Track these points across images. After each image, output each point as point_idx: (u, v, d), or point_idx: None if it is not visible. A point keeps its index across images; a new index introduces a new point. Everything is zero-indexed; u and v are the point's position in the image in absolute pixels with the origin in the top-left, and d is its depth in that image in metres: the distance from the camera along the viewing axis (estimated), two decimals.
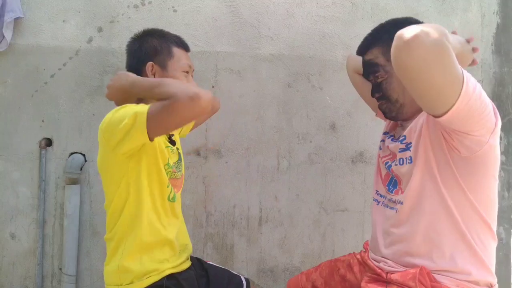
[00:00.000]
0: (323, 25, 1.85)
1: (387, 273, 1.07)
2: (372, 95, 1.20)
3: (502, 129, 1.96)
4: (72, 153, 1.75)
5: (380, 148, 1.27)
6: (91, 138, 1.75)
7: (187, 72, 1.26)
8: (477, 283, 1.00)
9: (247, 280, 1.34)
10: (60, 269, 1.74)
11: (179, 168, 1.32)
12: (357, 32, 1.83)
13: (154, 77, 1.22)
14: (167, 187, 1.20)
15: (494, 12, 1.93)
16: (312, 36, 1.85)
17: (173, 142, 1.30)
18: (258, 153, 1.83)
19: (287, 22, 1.84)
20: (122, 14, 1.77)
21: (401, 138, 1.13)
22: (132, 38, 1.29)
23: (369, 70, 1.18)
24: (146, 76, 1.22)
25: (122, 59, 1.76)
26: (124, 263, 1.12)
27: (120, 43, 1.76)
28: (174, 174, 1.25)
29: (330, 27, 1.85)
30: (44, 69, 1.74)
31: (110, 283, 1.15)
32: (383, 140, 1.26)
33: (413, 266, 1.02)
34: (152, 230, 1.15)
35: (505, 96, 1.91)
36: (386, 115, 1.19)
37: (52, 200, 1.75)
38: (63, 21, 1.75)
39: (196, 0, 1.80)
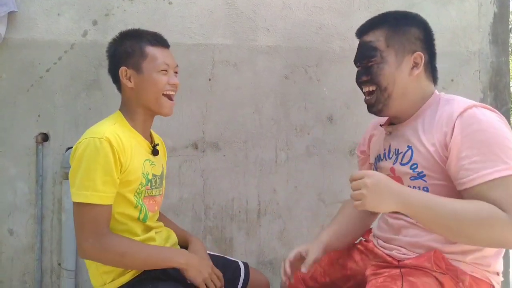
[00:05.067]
0: (320, 16, 1.84)
1: (399, 260, 1.06)
2: (358, 78, 1.13)
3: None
4: (69, 148, 1.74)
5: (378, 161, 1.19)
6: None
7: (166, 70, 1.19)
8: (488, 270, 1.01)
9: (245, 264, 1.33)
10: (59, 264, 1.73)
11: (158, 184, 1.25)
12: (354, 23, 1.82)
13: (130, 81, 1.17)
14: (135, 207, 1.15)
15: (490, 2, 1.93)
16: (308, 28, 1.84)
17: (155, 152, 1.24)
18: (256, 146, 1.82)
19: (283, 13, 1.83)
20: (117, 7, 1.76)
21: (410, 163, 1.05)
22: (109, 42, 1.26)
23: (365, 54, 1.11)
24: (123, 82, 1.19)
25: None
26: (102, 266, 1.13)
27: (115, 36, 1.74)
28: (149, 192, 1.20)
29: (326, 18, 1.84)
30: (39, 64, 1.73)
31: (96, 285, 1.17)
32: (380, 154, 1.18)
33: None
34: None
35: (503, 85, 1.92)
36: (371, 107, 1.13)
37: (49, 195, 1.75)
38: (58, 14, 1.73)
39: None
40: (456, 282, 0.97)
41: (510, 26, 2.16)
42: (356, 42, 1.21)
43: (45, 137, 1.74)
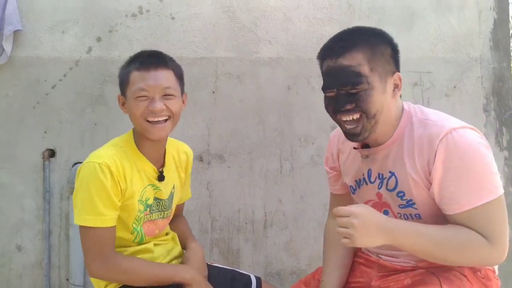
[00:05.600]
0: (321, 27, 1.86)
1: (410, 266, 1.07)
2: (339, 107, 0.99)
3: (504, 124, 1.97)
4: (75, 163, 1.75)
5: (358, 185, 1.14)
6: (93, 147, 1.72)
7: (145, 96, 1.10)
8: (494, 269, 1.05)
9: (257, 278, 1.30)
10: (67, 279, 1.74)
11: (164, 207, 1.24)
12: None
13: (125, 107, 1.17)
14: (131, 233, 1.17)
15: (490, 8, 1.94)
16: (310, 39, 1.85)
17: (161, 178, 1.21)
18: (261, 157, 1.83)
19: (284, 25, 1.85)
20: (121, 23, 1.78)
21: (396, 191, 1.02)
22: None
23: (348, 80, 0.96)
24: (120, 108, 1.20)
25: None
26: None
27: (119, 52, 1.77)
28: (148, 217, 1.20)
29: (327, 29, 1.86)
30: (45, 81, 1.75)
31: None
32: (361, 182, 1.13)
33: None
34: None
35: (505, 91, 1.92)
36: (355, 136, 1.01)
37: (57, 210, 1.76)
38: (62, 32, 1.76)
39: (194, 6, 1.81)
40: (474, 271, 1.01)
41: (510, 32, 2.17)
42: None
43: (51, 153, 1.76)
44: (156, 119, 1.11)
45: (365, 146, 1.10)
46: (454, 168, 0.93)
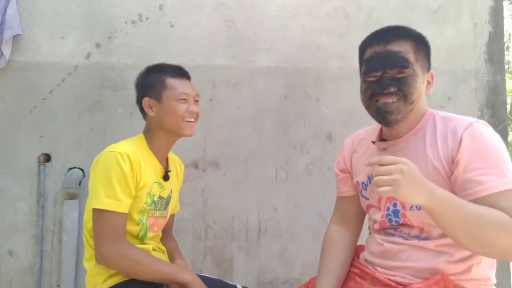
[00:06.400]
0: (318, 37, 1.88)
1: (404, 285, 1.03)
2: (382, 88, 1.04)
3: None
4: (70, 168, 1.75)
5: (370, 179, 1.15)
6: (89, 153, 1.75)
7: (185, 99, 1.27)
8: (487, 284, 1.04)
9: None
10: (58, 285, 1.72)
11: (162, 206, 1.31)
12: (351, 43, 1.85)
13: (152, 110, 1.27)
14: (137, 224, 1.22)
15: (486, 21, 1.97)
16: (307, 48, 1.87)
17: (166, 177, 1.31)
18: (256, 165, 1.83)
19: (282, 35, 1.87)
20: (120, 30, 1.80)
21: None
22: (137, 76, 1.35)
23: (396, 63, 1.02)
24: (146, 111, 1.28)
25: (120, 74, 1.78)
26: (97, 267, 1.19)
27: (118, 58, 1.78)
28: (152, 213, 1.27)
29: (324, 39, 1.88)
30: (43, 85, 1.76)
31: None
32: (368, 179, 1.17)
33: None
34: None
35: (499, 103, 1.94)
36: (389, 114, 1.05)
37: (50, 215, 1.75)
38: (62, 37, 1.78)
39: (193, 15, 1.83)
40: None
41: (505, 45, 2.20)
42: (354, 61, 1.20)
43: (47, 158, 1.76)
44: (191, 120, 1.28)
45: (382, 140, 1.15)
46: (480, 155, 0.96)
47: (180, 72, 1.31)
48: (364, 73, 1.09)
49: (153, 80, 1.28)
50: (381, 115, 1.07)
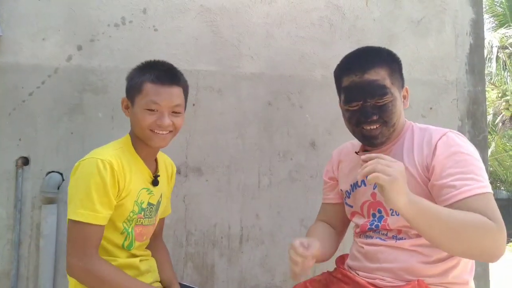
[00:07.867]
0: (302, 45, 1.89)
1: None
2: (365, 118, 1.09)
3: (478, 146, 2.00)
4: (49, 172, 1.72)
5: (354, 188, 1.22)
6: (68, 157, 1.72)
7: (154, 110, 1.14)
8: None
9: None
10: None
11: (152, 214, 1.25)
12: (335, 52, 1.86)
13: (128, 111, 1.21)
14: (121, 233, 1.16)
15: (467, 33, 2.00)
16: (291, 56, 1.88)
17: (155, 182, 1.24)
18: (239, 171, 1.83)
19: (267, 42, 1.87)
20: (103, 33, 1.78)
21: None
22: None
23: (376, 92, 1.08)
24: (122, 110, 1.23)
25: (102, 78, 1.76)
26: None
27: (100, 61, 1.76)
28: (141, 221, 1.20)
29: (309, 47, 1.89)
30: (23, 87, 1.73)
31: None
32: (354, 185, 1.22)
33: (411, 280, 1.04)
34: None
35: (480, 114, 1.97)
36: (374, 139, 1.12)
37: (28, 220, 1.71)
38: (43, 39, 1.75)
39: (177, 19, 1.82)
40: None
41: (485, 56, 2.24)
42: None
43: (25, 161, 1.72)
44: (162, 132, 1.17)
45: (365, 151, 1.21)
46: (454, 161, 1.02)
47: (162, 78, 1.16)
48: (345, 101, 1.15)
49: (135, 80, 1.18)
50: (367, 140, 1.14)
